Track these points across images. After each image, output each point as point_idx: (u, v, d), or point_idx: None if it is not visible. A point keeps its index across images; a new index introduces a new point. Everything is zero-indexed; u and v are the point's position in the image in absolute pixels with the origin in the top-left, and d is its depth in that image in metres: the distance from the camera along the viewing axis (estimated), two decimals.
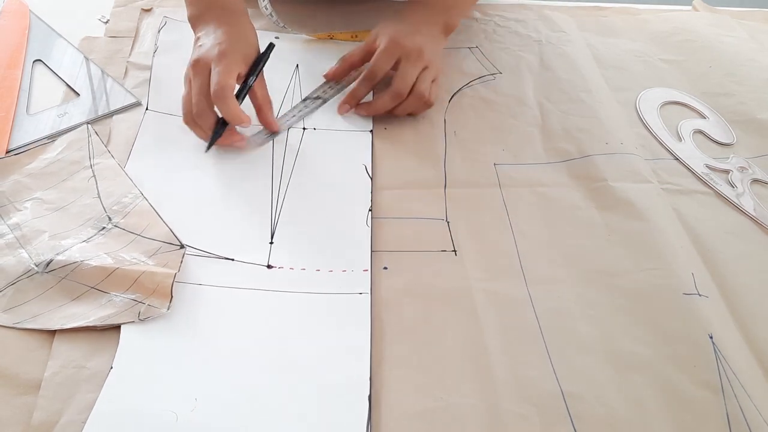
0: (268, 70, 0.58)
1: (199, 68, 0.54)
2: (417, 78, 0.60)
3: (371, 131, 0.61)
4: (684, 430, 0.41)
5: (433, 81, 0.61)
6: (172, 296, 0.44)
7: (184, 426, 0.39)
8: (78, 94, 0.62)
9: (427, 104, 0.61)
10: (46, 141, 0.57)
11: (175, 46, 0.68)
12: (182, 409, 0.40)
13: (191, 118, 0.55)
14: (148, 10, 0.73)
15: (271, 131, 0.58)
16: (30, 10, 0.71)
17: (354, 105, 0.62)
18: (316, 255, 0.50)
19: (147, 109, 0.61)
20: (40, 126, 0.58)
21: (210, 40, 0.56)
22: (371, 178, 0.56)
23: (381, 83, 0.61)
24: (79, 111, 0.60)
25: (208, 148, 0.55)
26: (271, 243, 0.50)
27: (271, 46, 0.59)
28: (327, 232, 0.51)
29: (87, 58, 0.66)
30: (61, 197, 0.52)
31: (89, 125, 0.58)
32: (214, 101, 0.53)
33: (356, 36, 0.72)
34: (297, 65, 0.67)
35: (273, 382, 0.42)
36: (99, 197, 0.52)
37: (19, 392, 0.40)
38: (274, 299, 0.46)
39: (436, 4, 0.64)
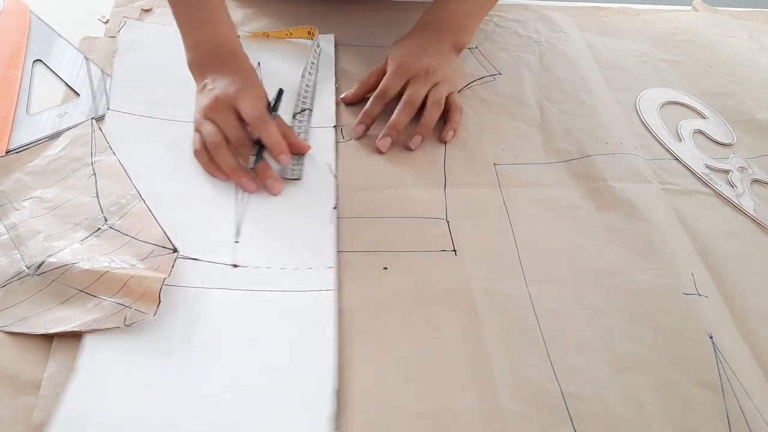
0: None
1: (221, 105, 0.54)
2: (429, 91, 0.60)
3: (335, 127, 0.61)
4: (684, 430, 0.41)
5: (450, 93, 0.62)
6: (159, 301, 0.44)
7: (147, 427, 0.39)
8: (78, 94, 0.62)
9: (455, 108, 0.62)
10: (47, 140, 0.57)
11: (135, 46, 0.68)
12: (145, 410, 0.39)
13: (215, 164, 0.54)
14: (148, 10, 0.73)
15: (302, 153, 0.57)
16: (30, 10, 0.71)
17: (369, 124, 0.61)
18: (282, 253, 0.49)
19: (108, 108, 0.61)
20: (40, 126, 0.58)
21: (222, 83, 0.55)
22: (335, 177, 0.56)
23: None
24: (79, 111, 0.60)
25: (254, 166, 0.53)
26: (236, 242, 0.50)
27: (281, 92, 0.59)
28: (292, 230, 0.51)
29: (87, 58, 0.66)
30: (60, 196, 0.52)
31: (93, 120, 0.58)
32: (256, 129, 0.53)
33: (290, 33, 0.71)
34: (258, 63, 0.67)
35: (238, 381, 0.41)
36: (97, 196, 0.52)
37: (19, 392, 0.40)
38: (240, 298, 0.46)
39: (443, 24, 0.64)
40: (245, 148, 0.54)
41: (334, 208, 0.53)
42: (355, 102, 0.64)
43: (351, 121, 0.62)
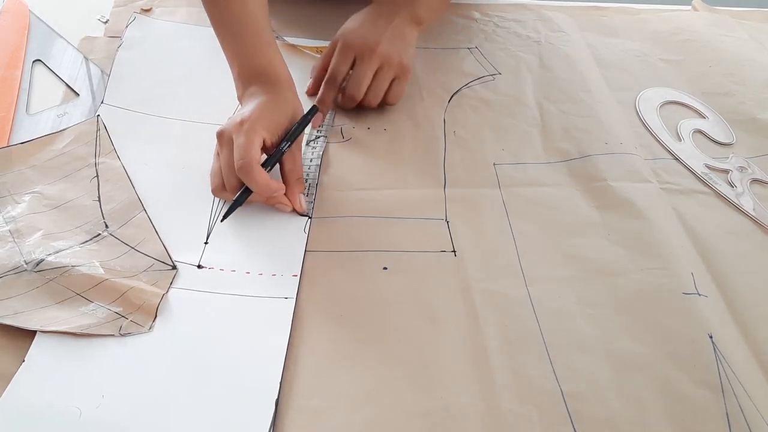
0: None
1: (224, 141, 0.51)
2: (374, 78, 0.60)
3: (325, 137, 0.60)
4: (684, 430, 0.41)
5: (395, 79, 0.61)
6: (156, 316, 0.44)
7: (86, 422, 0.39)
8: (78, 94, 0.62)
9: (388, 102, 0.62)
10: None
11: (140, 42, 0.68)
12: (87, 405, 0.39)
13: (220, 191, 0.52)
14: (148, 10, 0.73)
15: (298, 213, 0.53)
16: (30, 10, 0.71)
17: (326, 112, 0.61)
18: (249, 257, 0.49)
19: (102, 102, 0.61)
20: (40, 126, 0.58)
21: (241, 111, 0.52)
22: (317, 186, 0.56)
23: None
24: (79, 111, 0.60)
25: (224, 217, 0.51)
26: (206, 243, 0.50)
27: (313, 110, 0.56)
28: (264, 236, 0.51)
29: (87, 58, 0.66)
30: (60, 195, 0.52)
31: (99, 117, 0.58)
32: (240, 177, 0.49)
33: (320, 51, 0.69)
34: None
35: (183, 383, 0.41)
36: (99, 200, 0.52)
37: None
38: (198, 299, 0.46)
39: None
40: (232, 192, 0.51)
41: (310, 217, 0.53)
42: (316, 92, 0.63)
43: (387, 124, 0.62)
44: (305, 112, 0.55)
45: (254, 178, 0.49)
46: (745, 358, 0.45)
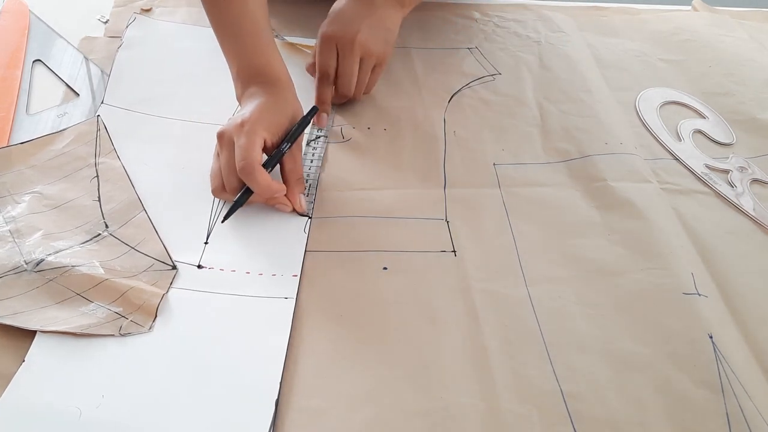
0: None
1: (224, 142, 0.50)
2: (359, 70, 0.60)
3: (325, 136, 0.61)
4: (684, 429, 0.41)
5: (374, 67, 0.62)
6: (156, 316, 0.44)
7: (86, 422, 0.39)
8: (78, 94, 0.62)
9: (366, 93, 0.64)
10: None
11: (140, 42, 0.68)
12: (87, 404, 0.39)
13: (220, 192, 0.52)
14: (148, 10, 0.73)
15: (298, 213, 0.53)
16: (30, 10, 0.71)
17: (327, 109, 0.61)
18: (249, 258, 0.49)
19: (102, 102, 0.61)
20: (40, 126, 0.58)
21: (241, 111, 0.52)
22: (316, 188, 0.56)
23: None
24: (79, 111, 0.60)
25: (225, 218, 0.50)
26: (206, 243, 0.50)
27: (313, 110, 0.57)
28: (264, 236, 0.51)
29: (87, 58, 0.66)
30: (61, 195, 0.52)
31: (100, 117, 0.58)
32: (242, 178, 0.49)
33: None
34: None
35: (183, 383, 0.41)
36: (99, 200, 0.52)
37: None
38: (198, 299, 0.46)
39: None
40: (232, 193, 0.51)
41: (310, 217, 0.53)
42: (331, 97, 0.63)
43: (387, 124, 0.62)
44: (305, 113, 0.55)
45: (256, 179, 0.49)
46: (745, 358, 0.45)
